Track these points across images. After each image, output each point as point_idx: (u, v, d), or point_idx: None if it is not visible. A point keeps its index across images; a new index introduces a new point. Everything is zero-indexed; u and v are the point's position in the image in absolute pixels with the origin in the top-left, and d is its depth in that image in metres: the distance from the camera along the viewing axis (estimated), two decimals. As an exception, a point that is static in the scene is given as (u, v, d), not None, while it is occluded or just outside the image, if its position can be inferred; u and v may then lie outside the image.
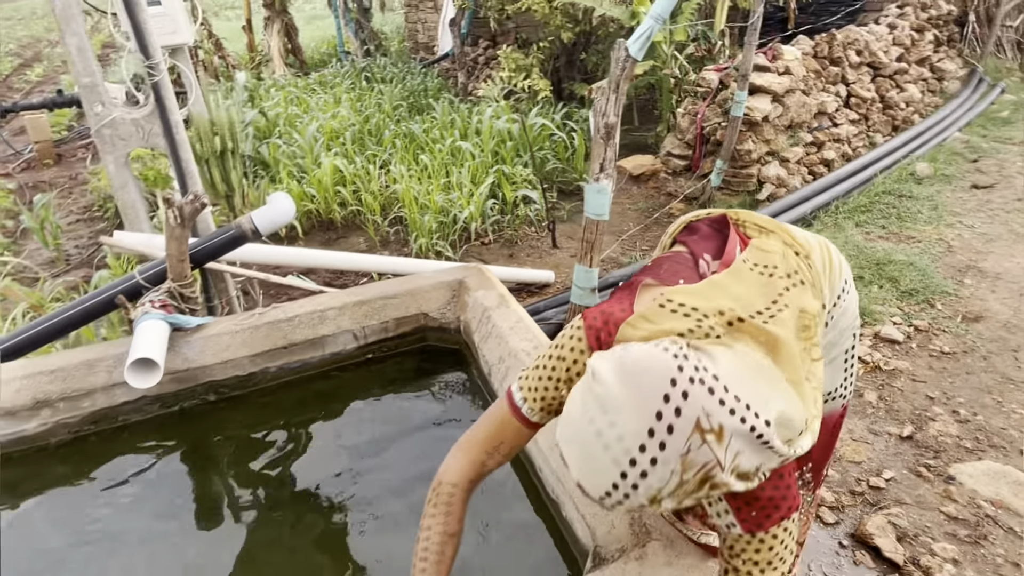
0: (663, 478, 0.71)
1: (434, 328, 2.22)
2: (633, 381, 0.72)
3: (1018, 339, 2.89)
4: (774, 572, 0.90)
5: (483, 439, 1.10)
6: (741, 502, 0.88)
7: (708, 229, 1.16)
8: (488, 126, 4.92)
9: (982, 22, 7.50)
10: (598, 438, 0.72)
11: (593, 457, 0.73)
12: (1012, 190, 4.55)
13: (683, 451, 0.69)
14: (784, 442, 0.75)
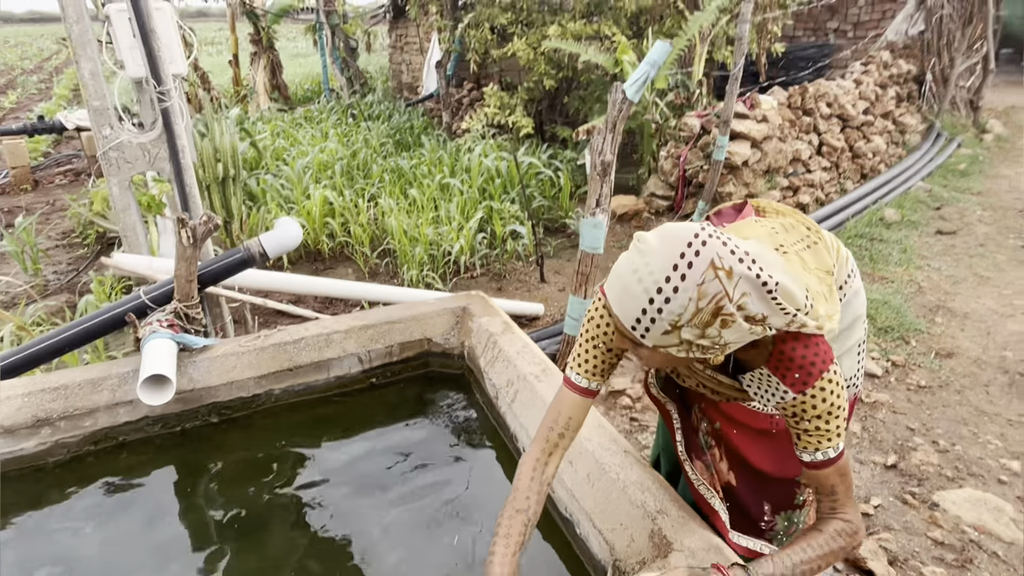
0: (682, 304, 0.87)
1: (437, 353, 2.25)
2: (665, 234, 0.91)
3: (988, 375, 3.03)
4: (836, 420, 1.04)
5: (546, 419, 1.22)
6: (783, 369, 1.03)
7: (731, 211, 1.34)
8: (477, 163, 5.04)
9: (938, 82, 8.00)
10: (634, 274, 0.90)
11: (628, 288, 0.90)
12: (973, 236, 4.81)
13: (699, 282, 0.86)
14: (788, 304, 0.92)
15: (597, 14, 6.23)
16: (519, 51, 6.04)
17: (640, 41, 6.17)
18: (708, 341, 0.90)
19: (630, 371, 3.11)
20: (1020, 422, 2.68)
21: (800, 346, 1.02)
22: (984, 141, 7.72)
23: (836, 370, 1.03)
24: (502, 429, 1.91)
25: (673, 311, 0.87)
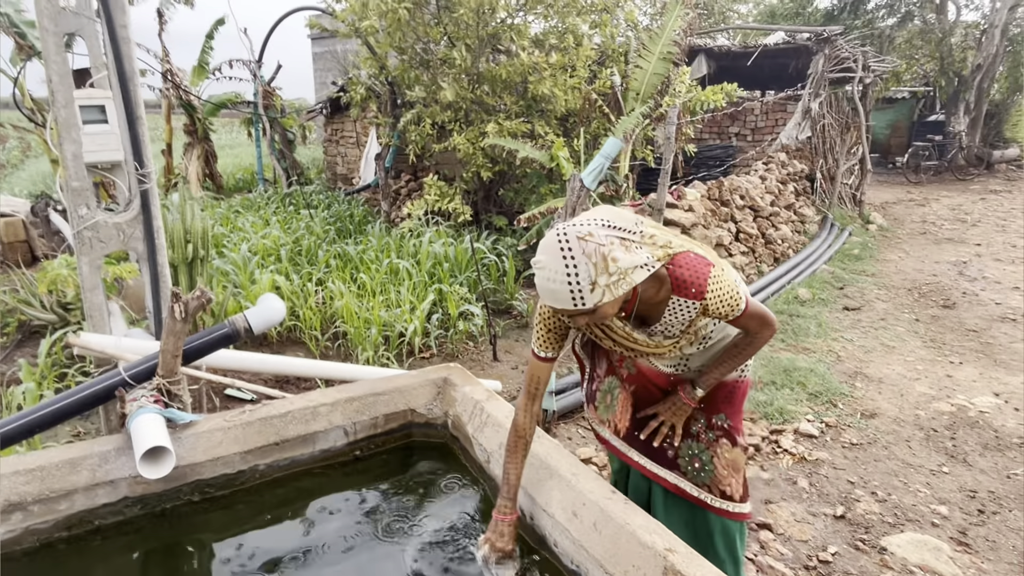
0: (587, 269, 1.27)
1: (420, 424, 2.30)
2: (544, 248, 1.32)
3: (907, 431, 3.36)
4: (735, 295, 1.48)
5: (527, 382, 1.69)
6: (683, 290, 1.45)
7: None
8: (426, 248, 5.21)
9: (826, 179, 9.09)
10: (549, 282, 1.29)
11: (554, 291, 1.30)
12: (875, 312, 5.39)
13: (581, 251, 1.27)
14: (625, 225, 1.35)
15: (530, 114, 6.77)
16: (459, 146, 6.43)
17: (570, 140, 6.72)
18: (617, 275, 1.28)
19: (593, 441, 3.23)
20: (940, 471, 2.99)
21: (683, 270, 1.44)
22: (869, 230, 8.73)
23: (715, 267, 1.46)
24: (495, 493, 1.96)
25: (586, 277, 1.27)
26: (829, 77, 8.83)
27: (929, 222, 9.71)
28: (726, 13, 15.39)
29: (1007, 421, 3.47)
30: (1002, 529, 2.58)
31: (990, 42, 15.33)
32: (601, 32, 7.16)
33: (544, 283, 1.31)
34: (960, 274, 6.66)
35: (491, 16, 6.20)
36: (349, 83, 8.11)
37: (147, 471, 1.65)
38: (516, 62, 6.18)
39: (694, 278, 1.43)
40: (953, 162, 15.52)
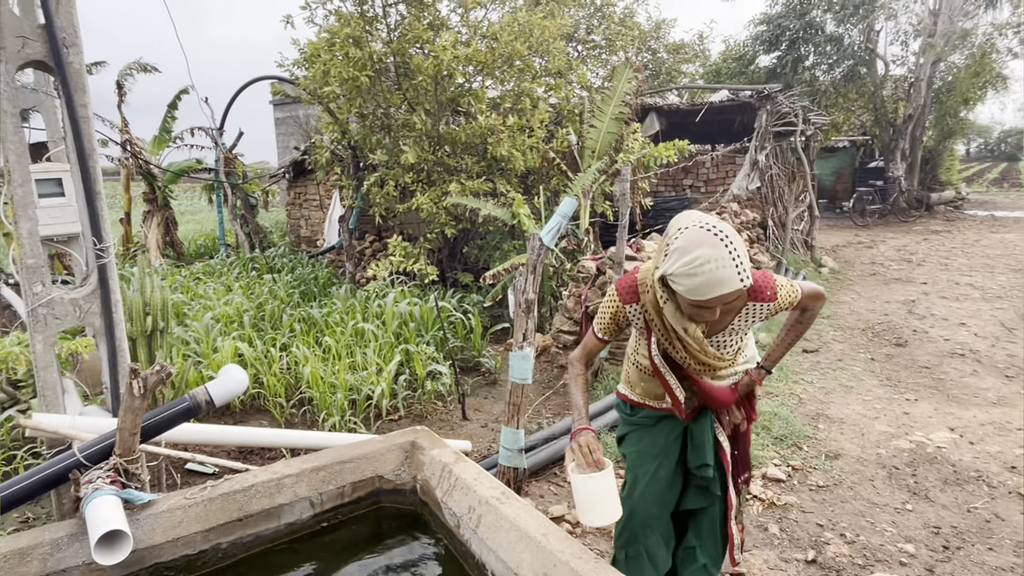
0: (742, 249, 1.49)
1: (388, 490, 2.27)
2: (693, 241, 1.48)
3: (871, 471, 3.43)
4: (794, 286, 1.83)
5: (585, 353, 1.96)
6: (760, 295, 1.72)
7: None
8: (391, 309, 5.22)
9: (778, 226, 9.46)
10: (716, 270, 1.44)
11: (721, 278, 1.45)
12: (832, 353, 5.55)
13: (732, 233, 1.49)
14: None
15: (491, 173, 6.95)
16: (422, 206, 6.53)
17: (531, 197, 6.90)
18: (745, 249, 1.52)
19: (564, 498, 3.20)
20: (905, 509, 3.05)
21: (758, 277, 1.70)
22: (822, 273, 9.06)
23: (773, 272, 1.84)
24: (466, 558, 1.94)
25: (743, 256, 1.48)
26: (773, 131, 9.32)
27: (878, 263, 10.13)
28: (673, 73, 16.21)
29: (963, 455, 3.58)
30: (967, 564, 2.62)
31: (918, 94, 16.45)
32: (556, 94, 7.47)
33: (711, 274, 1.43)
34: (910, 312, 6.93)
35: (449, 82, 6.42)
36: (312, 147, 8.24)
37: (103, 557, 1.59)
38: (475, 124, 6.38)
39: (766, 283, 1.73)
40: (895, 205, 16.35)
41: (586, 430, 1.77)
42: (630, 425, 2.08)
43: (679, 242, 1.48)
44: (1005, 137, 54.29)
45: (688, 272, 1.45)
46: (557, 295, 6.03)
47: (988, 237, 12.70)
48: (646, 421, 2.04)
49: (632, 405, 2.07)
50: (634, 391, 2.05)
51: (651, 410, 2.01)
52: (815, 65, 17.17)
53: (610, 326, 1.90)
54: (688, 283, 1.46)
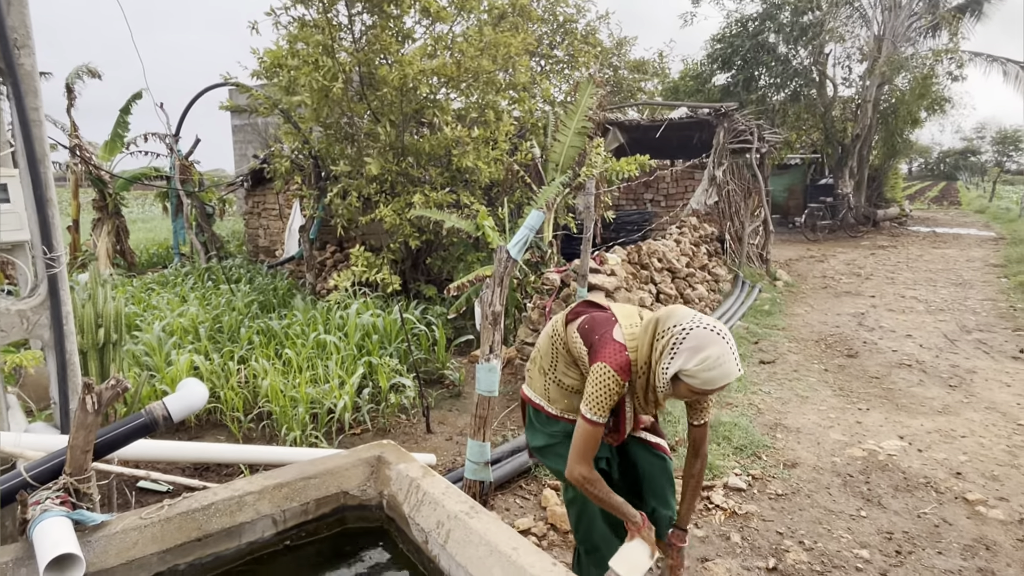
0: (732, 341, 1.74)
1: (354, 507, 2.22)
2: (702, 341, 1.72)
3: (827, 479, 3.53)
4: None
5: (588, 452, 1.92)
6: None
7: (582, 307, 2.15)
8: (353, 320, 5.14)
9: (735, 240, 9.71)
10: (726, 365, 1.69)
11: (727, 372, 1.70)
12: (788, 364, 5.71)
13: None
14: None
15: (455, 185, 6.95)
16: (385, 217, 6.48)
17: (495, 209, 6.92)
18: None
19: (530, 510, 3.20)
20: (859, 516, 3.14)
21: None
22: (777, 286, 9.32)
23: None
24: (435, 575, 1.91)
25: (734, 345, 1.74)
26: (730, 147, 9.59)
27: (829, 277, 10.49)
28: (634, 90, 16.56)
29: (912, 462, 3.72)
30: (918, 568, 2.72)
31: (864, 115, 17.18)
32: (520, 107, 7.54)
33: (721, 368, 1.68)
34: (860, 325, 7.19)
35: (414, 94, 6.41)
36: (272, 156, 8.09)
37: (53, 583, 1.52)
38: (440, 136, 6.38)
39: None
40: (844, 221, 16.98)
41: (647, 520, 2.01)
42: (553, 436, 2.21)
43: (689, 343, 1.72)
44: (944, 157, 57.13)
45: (704, 368, 1.69)
46: (521, 307, 6.05)
47: (930, 252, 13.30)
48: (567, 428, 2.15)
49: (550, 417, 2.19)
50: (554, 406, 2.18)
51: (568, 422, 2.15)
52: (767, 85, 17.78)
53: (610, 406, 1.89)
54: (704, 377, 1.70)
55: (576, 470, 1.92)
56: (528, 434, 2.34)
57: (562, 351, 2.14)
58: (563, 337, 2.14)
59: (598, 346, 1.93)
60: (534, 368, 2.28)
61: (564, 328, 2.15)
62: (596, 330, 1.99)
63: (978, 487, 3.43)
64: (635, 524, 1.98)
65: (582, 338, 2.03)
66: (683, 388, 1.79)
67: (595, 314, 2.08)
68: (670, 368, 1.76)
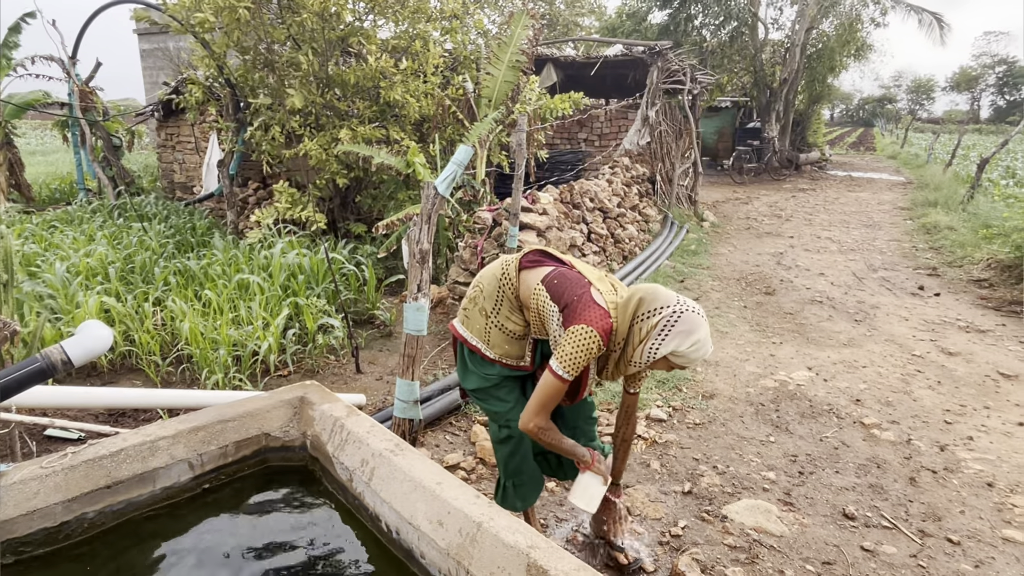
0: None
1: (276, 448, 2.19)
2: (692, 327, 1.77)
3: (740, 408, 3.75)
4: None
5: (548, 405, 1.92)
6: None
7: (538, 256, 2.14)
8: (278, 260, 4.95)
9: (665, 181, 9.86)
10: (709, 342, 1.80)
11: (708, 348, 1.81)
12: (711, 301, 5.94)
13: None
14: None
15: (384, 120, 6.67)
16: (311, 152, 6.18)
17: (426, 145, 6.72)
18: None
19: (459, 446, 3.25)
20: (769, 441, 3.36)
21: None
22: (704, 227, 9.60)
23: None
24: (360, 511, 1.92)
25: None
26: (663, 88, 9.59)
27: (752, 218, 10.88)
28: (570, 26, 16.19)
29: (818, 391, 3.99)
30: (818, 487, 2.96)
31: (792, 59, 17.51)
32: (452, 39, 7.23)
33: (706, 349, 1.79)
34: (778, 264, 7.53)
35: (337, 19, 6.02)
36: (185, 84, 7.49)
37: (-61, 538, 1.42)
38: (366, 67, 6.06)
39: None
40: (769, 164, 17.54)
41: (596, 454, 2.13)
42: (488, 378, 2.22)
43: (681, 326, 1.78)
44: (863, 104, 59.50)
45: (694, 350, 1.78)
46: (453, 246, 5.98)
47: (846, 195, 13.98)
48: (503, 372, 2.19)
49: (485, 360, 2.20)
50: (493, 350, 2.17)
51: (505, 367, 2.18)
52: (703, 25, 17.77)
53: (583, 367, 1.88)
54: (692, 357, 1.80)
55: (533, 421, 1.94)
56: (460, 374, 2.33)
57: (510, 296, 2.10)
58: (514, 283, 2.09)
59: (578, 307, 1.86)
60: (473, 308, 2.21)
61: (517, 275, 2.09)
62: (570, 289, 1.93)
63: (874, 412, 3.73)
64: (585, 461, 2.08)
65: (550, 293, 1.96)
66: (663, 364, 1.87)
67: (564, 270, 2.02)
68: (661, 349, 1.80)
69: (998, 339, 5.08)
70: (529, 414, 1.94)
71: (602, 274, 2.06)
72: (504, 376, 2.22)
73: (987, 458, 3.24)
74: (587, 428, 2.34)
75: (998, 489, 2.96)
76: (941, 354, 4.71)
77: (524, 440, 2.26)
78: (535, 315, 2.04)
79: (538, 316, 2.03)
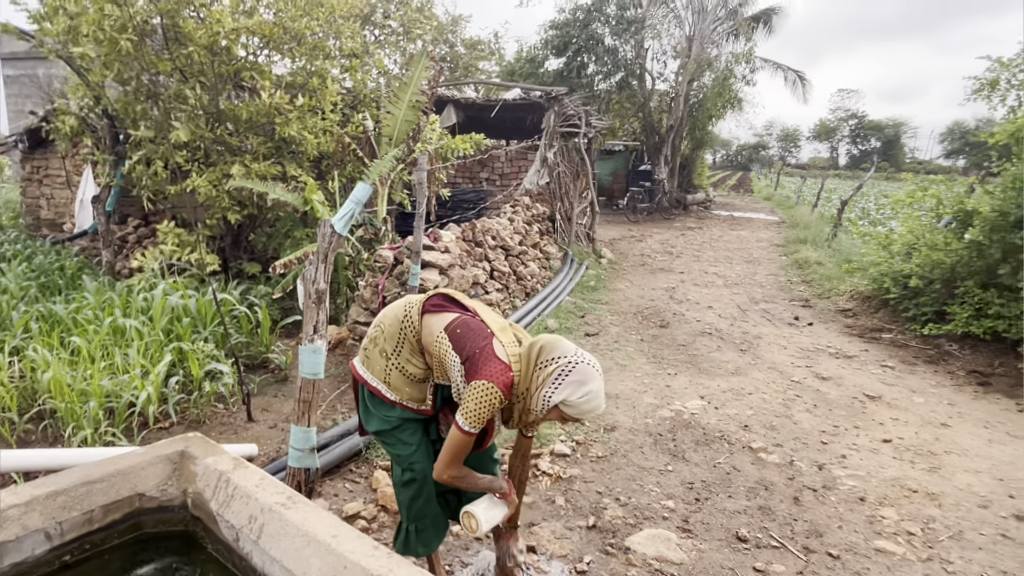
0: None
1: (152, 509, 1.99)
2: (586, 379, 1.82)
3: (640, 439, 3.86)
4: None
5: (459, 458, 1.94)
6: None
7: (442, 300, 2.11)
8: (161, 302, 4.61)
9: (564, 220, 10.19)
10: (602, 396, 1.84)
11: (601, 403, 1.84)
12: (610, 336, 6.14)
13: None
14: None
15: (281, 156, 6.47)
16: (199, 188, 5.87)
17: (325, 182, 6.57)
18: None
19: (360, 493, 3.11)
20: (667, 470, 3.48)
21: None
22: (602, 264, 9.97)
23: None
24: (248, 574, 1.77)
25: None
26: (560, 131, 9.99)
27: (646, 255, 11.44)
28: (470, 68, 16.60)
29: (710, 419, 4.19)
30: (713, 512, 3.08)
31: (677, 108, 18.86)
32: (352, 77, 7.19)
33: (598, 403, 1.83)
34: (671, 298, 7.93)
35: (228, 54, 5.83)
36: (55, 113, 6.92)
37: None
38: (259, 102, 5.88)
39: None
40: (660, 204, 18.61)
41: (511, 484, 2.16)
42: (389, 420, 2.17)
43: (574, 376, 1.82)
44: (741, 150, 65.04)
45: (585, 401, 1.81)
46: (353, 285, 5.84)
47: (729, 233, 15.05)
48: (404, 415, 2.16)
49: (385, 402, 2.15)
50: (393, 392, 2.13)
51: (407, 410, 2.15)
52: (596, 73, 18.79)
53: (487, 421, 1.89)
54: (582, 408, 1.83)
55: (447, 472, 1.96)
56: (363, 416, 2.27)
57: (411, 339, 2.07)
58: (416, 327, 2.07)
59: (480, 361, 1.86)
60: (373, 349, 2.16)
61: (420, 318, 2.07)
62: (472, 340, 1.92)
63: (760, 436, 3.96)
64: (503, 491, 2.10)
65: (452, 343, 1.95)
66: (556, 414, 1.89)
67: (467, 319, 2.01)
68: (553, 397, 1.83)
69: (863, 364, 5.58)
70: (441, 466, 1.96)
71: (505, 324, 2.06)
72: (405, 419, 2.17)
73: (858, 474, 3.51)
74: (491, 468, 2.32)
75: (869, 503, 3.21)
76: (816, 379, 5.11)
77: (428, 482, 2.20)
78: (437, 362, 2.03)
79: (440, 363, 2.02)
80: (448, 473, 1.95)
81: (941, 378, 5.31)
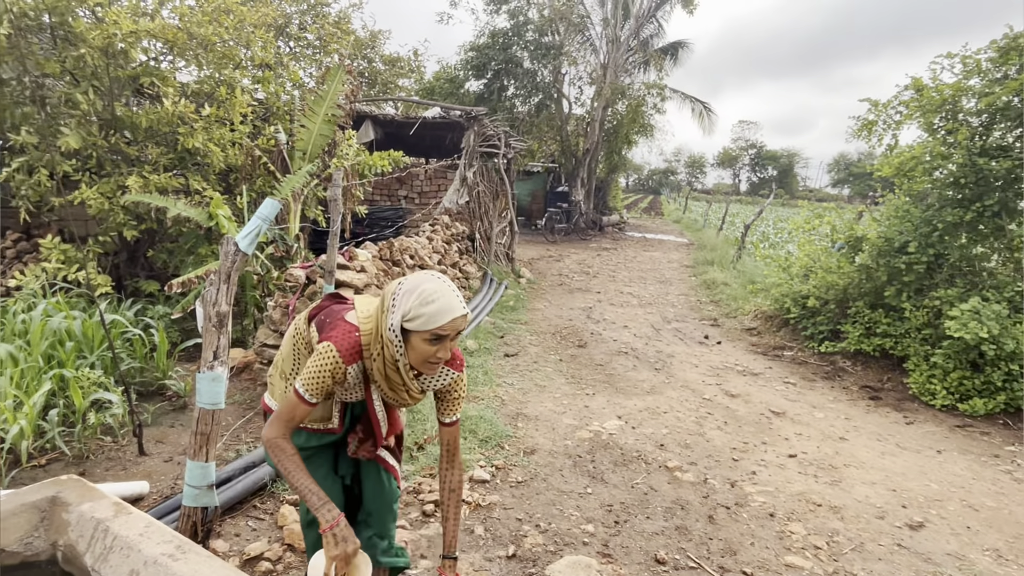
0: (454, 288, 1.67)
1: (13, 567, 1.75)
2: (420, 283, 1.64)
3: (560, 461, 3.84)
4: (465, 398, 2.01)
5: (287, 420, 1.75)
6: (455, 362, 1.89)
7: (326, 300, 2.04)
8: (39, 325, 4.17)
9: (484, 239, 10.18)
10: (448, 297, 1.61)
11: (452, 305, 1.60)
12: (529, 356, 6.13)
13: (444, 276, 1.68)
14: None
15: (184, 168, 6.09)
16: (90, 200, 5.40)
17: (232, 197, 6.23)
18: None
19: (265, 532, 2.90)
20: (587, 493, 3.46)
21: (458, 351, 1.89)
22: (521, 283, 10.02)
23: None
24: (127, 634, 1.58)
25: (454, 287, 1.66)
26: (480, 151, 10.02)
27: (564, 275, 11.61)
28: (389, 85, 16.43)
29: (628, 439, 4.24)
30: (632, 534, 3.08)
31: (593, 132, 19.44)
32: (264, 88, 6.90)
33: (443, 299, 1.59)
34: (588, 318, 8.06)
35: (125, 58, 5.44)
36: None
37: None
38: (161, 110, 5.52)
39: (458, 355, 1.89)
40: (577, 225, 19.02)
41: (340, 517, 1.72)
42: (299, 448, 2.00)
43: (405, 287, 1.64)
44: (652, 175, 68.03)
45: (424, 302, 1.60)
46: (262, 306, 5.54)
47: (642, 254, 15.57)
48: (311, 440, 2.04)
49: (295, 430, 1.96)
50: None
51: (312, 432, 2.03)
52: (515, 95, 19.10)
53: (326, 389, 1.73)
54: (426, 311, 1.59)
55: (271, 431, 1.73)
56: None
57: (303, 351, 1.97)
58: (305, 336, 1.97)
59: (327, 328, 1.82)
60: (275, 373, 2.07)
61: (307, 326, 1.98)
62: (332, 319, 1.88)
63: (676, 455, 4.04)
64: (326, 522, 1.69)
65: (318, 330, 1.90)
66: (416, 340, 1.64)
67: (334, 306, 1.97)
68: (394, 321, 1.64)
69: (768, 380, 5.85)
70: (269, 426, 1.75)
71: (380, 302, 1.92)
72: (313, 446, 2.04)
73: (767, 490, 3.64)
74: (383, 516, 2.17)
75: (778, 518, 3.33)
76: (726, 396, 5.30)
77: None
78: None
79: None
80: (271, 432, 1.72)
81: (838, 393, 5.65)
